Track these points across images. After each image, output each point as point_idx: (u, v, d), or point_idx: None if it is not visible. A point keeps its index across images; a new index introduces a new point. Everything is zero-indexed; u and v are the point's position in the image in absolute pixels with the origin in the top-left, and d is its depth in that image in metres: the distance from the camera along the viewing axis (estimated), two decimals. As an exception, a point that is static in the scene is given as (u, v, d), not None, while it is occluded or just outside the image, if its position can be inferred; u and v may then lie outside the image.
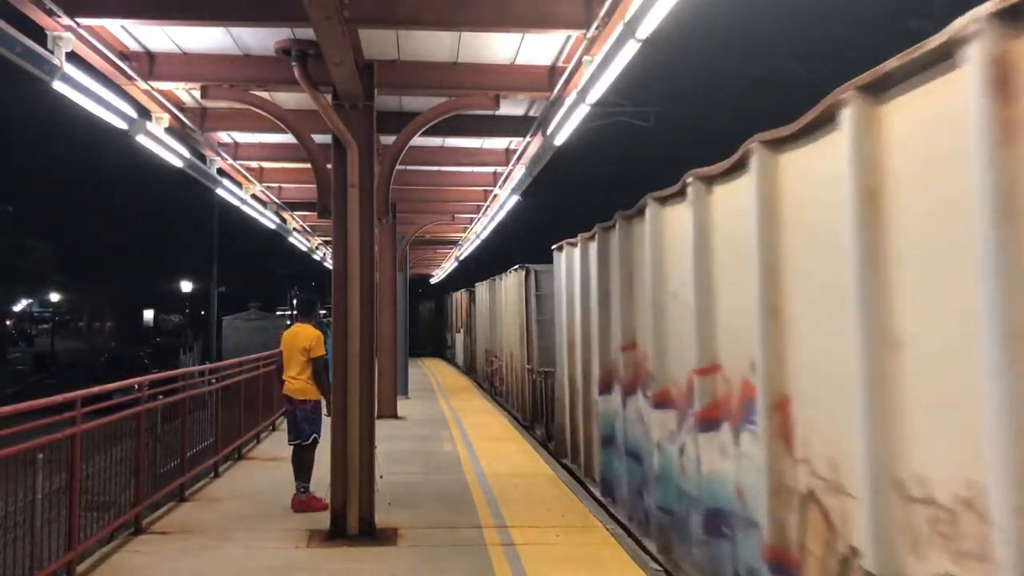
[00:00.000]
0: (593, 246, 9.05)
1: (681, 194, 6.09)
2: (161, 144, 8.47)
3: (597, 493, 9.02)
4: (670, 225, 6.58)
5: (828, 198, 3.89)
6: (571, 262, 10.27)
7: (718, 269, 5.53)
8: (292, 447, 8.09)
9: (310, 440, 7.96)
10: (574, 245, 10.05)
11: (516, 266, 16.31)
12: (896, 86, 3.42)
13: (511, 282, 17.37)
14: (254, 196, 13.05)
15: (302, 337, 8.03)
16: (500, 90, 7.76)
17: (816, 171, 4.15)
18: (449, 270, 32.69)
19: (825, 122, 3.97)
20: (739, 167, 5.02)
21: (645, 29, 5.24)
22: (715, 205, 5.58)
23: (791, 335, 4.41)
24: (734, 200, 5.16)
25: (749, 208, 4.75)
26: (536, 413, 14.40)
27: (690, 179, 5.79)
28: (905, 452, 3.34)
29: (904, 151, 3.40)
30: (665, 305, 6.65)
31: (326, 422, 7.55)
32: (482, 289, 23.53)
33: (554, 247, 11.27)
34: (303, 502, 7.79)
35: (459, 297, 31.16)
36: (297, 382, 7.98)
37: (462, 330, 29.91)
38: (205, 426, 9.46)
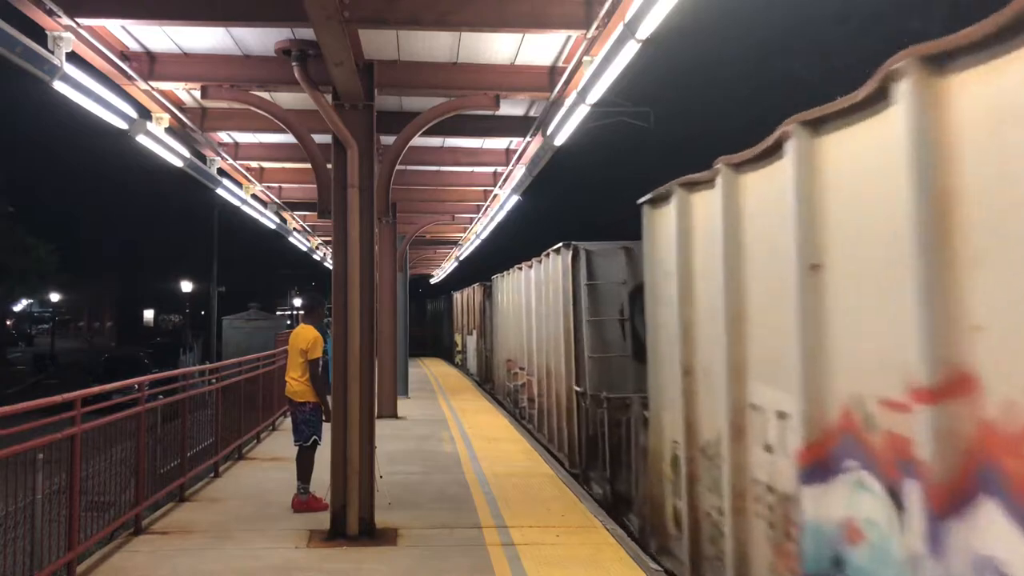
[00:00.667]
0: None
1: None
2: (161, 144, 8.47)
3: None
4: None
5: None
6: (711, 215, 5.65)
7: None
8: (296, 447, 8.11)
9: (309, 442, 7.96)
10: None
11: (558, 245, 11.55)
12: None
13: (549, 269, 12.47)
14: (254, 196, 13.05)
15: (300, 338, 8.04)
16: (500, 90, 7.76)
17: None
18: (449, 270, 32.67)
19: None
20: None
21: (645, 29, 5.24)
22: None
23: None
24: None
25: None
26: (590, 457, 10.48)
27: None
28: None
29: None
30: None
31: (327, 424, 7.55)
32: (503, 282, 18.91)
33: (646, 199, 7.10)
34: (303, 503, 7.79)
35: (469, 294, 27.13)
36: (296, 384, 7.98)
37: (475, 332, 25.54)
38: (205, 426, 9.47)
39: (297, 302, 62.27)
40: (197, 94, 8.02)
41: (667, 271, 6.58)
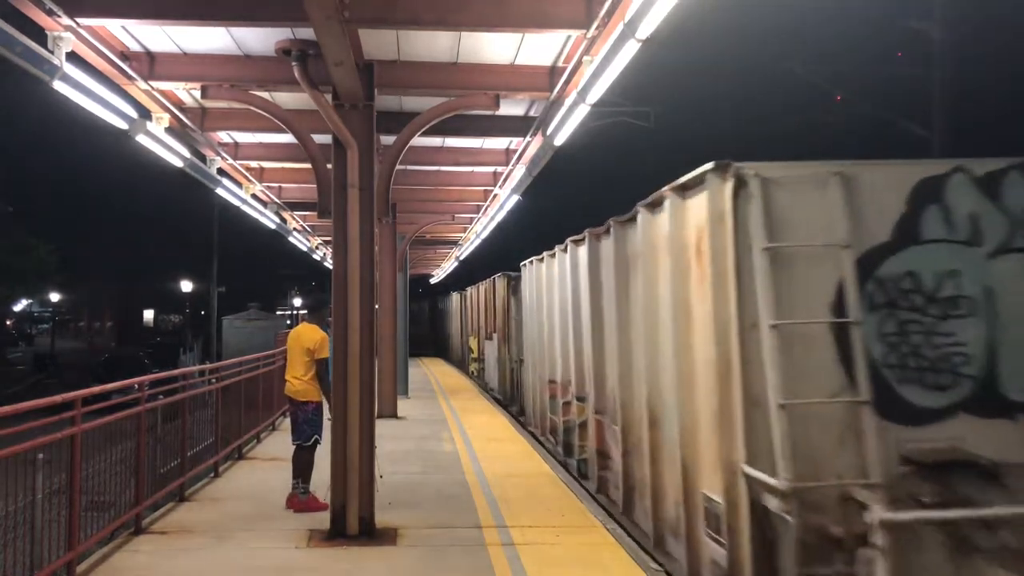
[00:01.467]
0: None
1: None
2: (161, 144, 8.47)
3: None
4: None
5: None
6: None
7: None
8: (295, 447, 8.11)
9: (310, 441, 7.96)
10: None
11: (700, 170, 5.66)
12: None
13: (664, 230, 6.57)
14: (254, 196, 13.05)
15: (305, 338, 8.03)
16: (500, 90, 7.76)
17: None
18: (449, 270, 32.65)
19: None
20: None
21: (645, 29, 5.24)
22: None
23: None
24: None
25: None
26: None
27: None
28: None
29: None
30: None
31: (327, 423, 7.55)
32: (538, 271, 13.10)
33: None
34: (303, 503, 7.79)
35: (488, 289, 21.32)
36: (299, 383, 7.98)
37: (495, 337, 19.72)
38: (205, 426, 9.47)
39: (297, 302, 62.38)
40: (197, 94, 8.02)
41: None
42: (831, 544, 4.75)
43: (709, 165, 5.48)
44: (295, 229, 18.41)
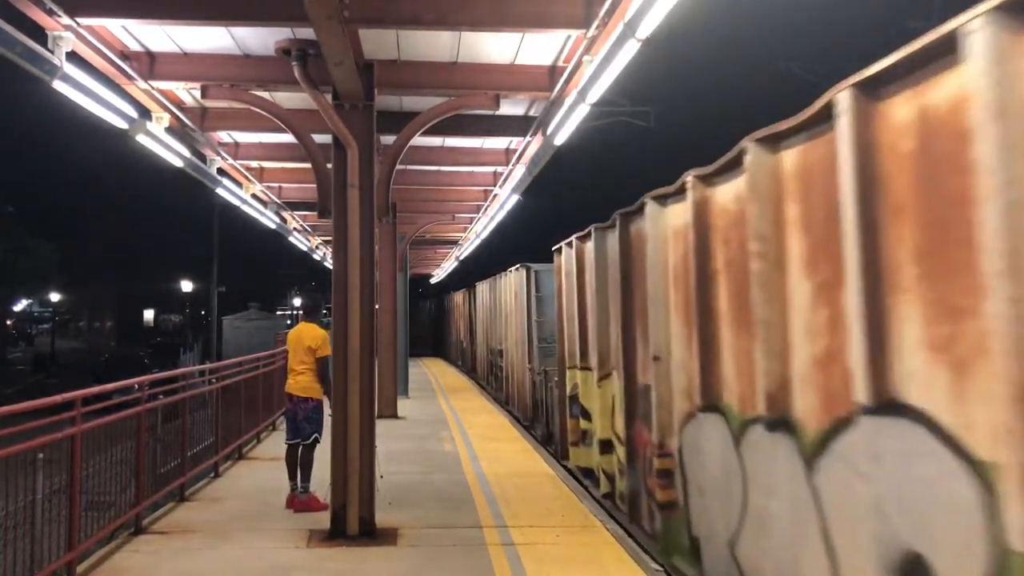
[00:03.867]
0: None
1: None
2: (161, 144, 8.47)
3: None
4: None
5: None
6: None
7: None
8: (287, 446, 8.10)
9: (311, 440, 7.97)
10: None
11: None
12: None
13: None
14: (254, 196, 13.05)
15: (307, 336, 8.05)
16: (500, 90, 7.76)
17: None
18: (449, 270, 32.64)
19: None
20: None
21: (645, 29, 5.24)
22: None
23: None
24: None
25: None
26: None
27: None
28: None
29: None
30: None
31: (327, 422, 7.55)
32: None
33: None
34: (303, 502, 7.79)
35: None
36: (301, 379, 7.99)
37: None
38: (205, 426, 9.47)
39: (297, 302, 62.32)
40: (197, 94, 8.02)
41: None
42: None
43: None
44: (295, 229, 18.41)
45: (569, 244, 10.00)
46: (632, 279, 7.33)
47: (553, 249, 10.94)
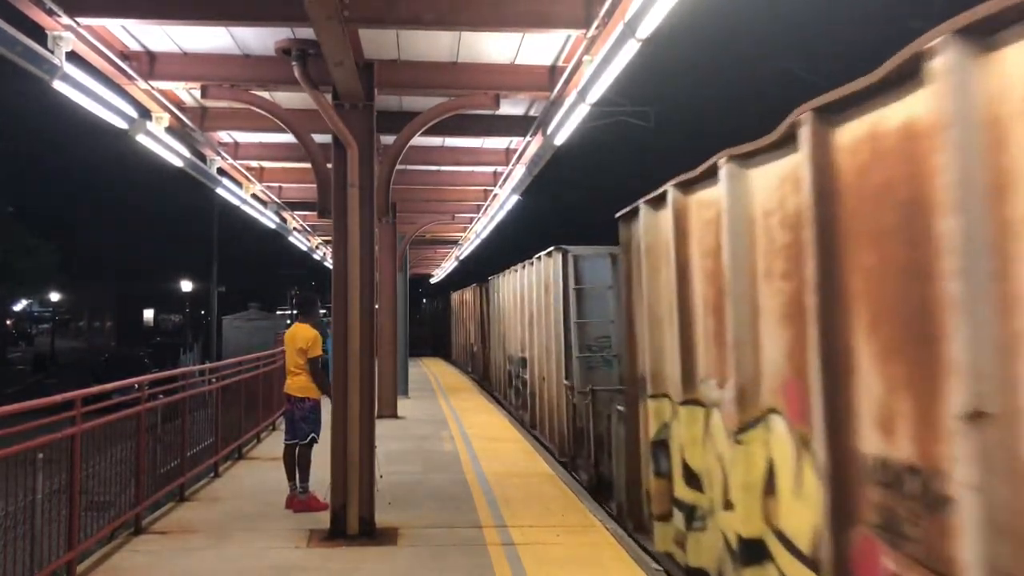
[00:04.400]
0: None
1: None
2: (161, 144, 8.47)
3: None
4: None
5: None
6: None
7: None
8: (285, 446, 8.12)
9: (307, 440, 7.98)
10: None
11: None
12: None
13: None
14: (254, 196, 13.05)
15: (299, 337, 8.08)
16: (500, 90, 7.76)
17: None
18: (449, 269, 32.62)
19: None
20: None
21: (645, 29, 5.24)
22: None
23: None
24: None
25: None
26: None
27: None
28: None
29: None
30: None
31: (326, 422, 7.56)
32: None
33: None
34: (303, 502, 7.79)
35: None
36: (297, 380, 8.01)
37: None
38: (205, 426, 9.47)
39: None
40: (197, 94, 8.01)
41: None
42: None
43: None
44: (295, 229, 18.41)
45: (656, 200, 6.54)
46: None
47: (618, 216, 7.67)
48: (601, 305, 10.70)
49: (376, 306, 8.99)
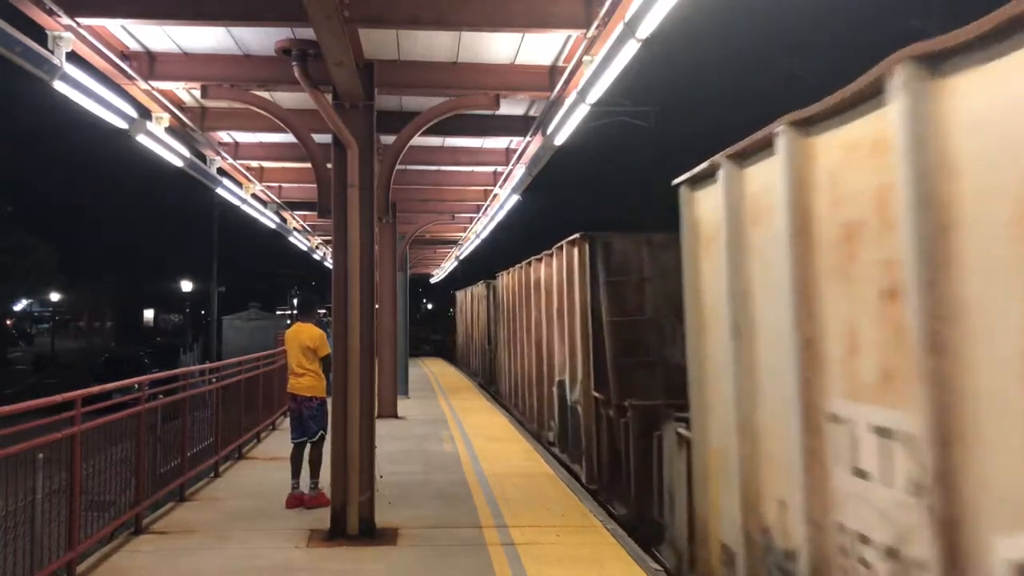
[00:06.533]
0: None
1: None
2: (161, 144, 8.47)
3: None
4: None
5: None
6: None
7: None
8: (293, 445, 8.13)
9: (317, 437, 8.02)
10: None
11: None
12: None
13: None
14: (254, 196, 13.05)
15: (305, 336, 8.09)
16: (500, 90, 7.76)
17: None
18: (449, 269, 32.61)
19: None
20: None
21: (645, 29, 5.24)
22: None
23: None
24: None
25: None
26: None
27: None
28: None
29: None
30: None
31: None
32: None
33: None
34: (313, 498, 7.85)
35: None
36: (304, 379, 8.02)
37: None
38: (205, 426, 9.47)
39: (297, 302, 62.29)
40: (197, 94, 8.02)
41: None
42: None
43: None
44: (295, 229, 18.41)
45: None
46: None
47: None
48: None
49: (376, 306, 8.99)
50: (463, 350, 29.09)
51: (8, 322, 56.59)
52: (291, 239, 19.28)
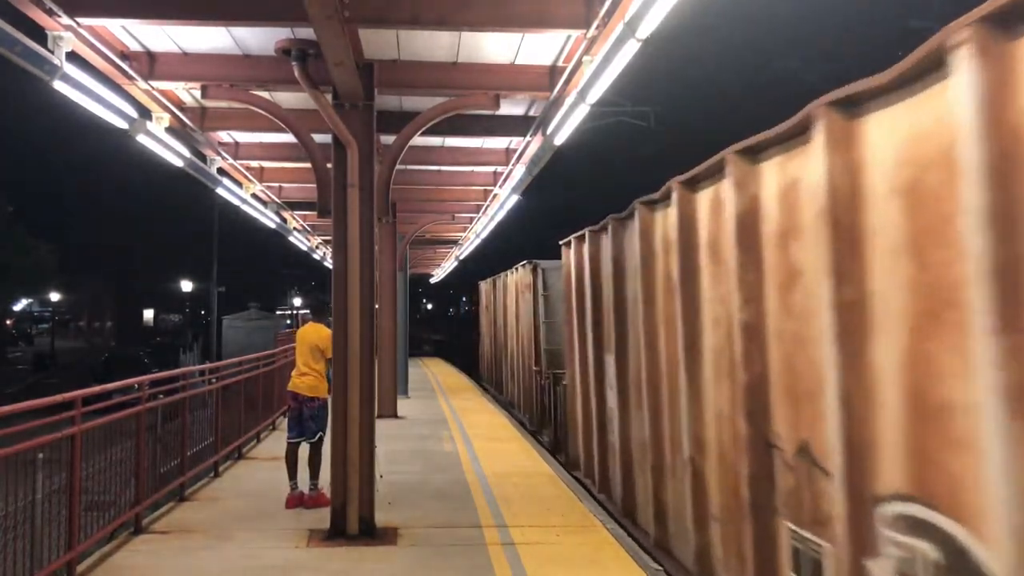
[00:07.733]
0: None
1: None
2: (161, 144, 8.47)
3: None
4: None
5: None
6: None
7: None
8: (288, 444, 8.13)
9: (316, 438, 8.03)
10: None
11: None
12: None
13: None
14: (254, 196, 13.05)
15: (314, 335, 8.16)
16: (500, 90, 7.76)
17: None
18: (449, 269, 32.61)
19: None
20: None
21: (645, 29, 5.24)
22: None
23: None
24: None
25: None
26: None
27: None
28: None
29: None
30: None
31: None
32: None
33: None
34: (313, 498, 7.86)
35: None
36: (307, 379, 8.03)
37: None
38: (205, 426, 9.48)
39: (297, 302, 62.36)
40: (197, 94, 8.02)
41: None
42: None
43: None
44: (295, 229, 18.41)
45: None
46: None
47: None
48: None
49: (376, 306, 9.00)
50: (490, 363, 23.09)
51: (8, 322, 56.60)
52: (291, 239, 19.29)
